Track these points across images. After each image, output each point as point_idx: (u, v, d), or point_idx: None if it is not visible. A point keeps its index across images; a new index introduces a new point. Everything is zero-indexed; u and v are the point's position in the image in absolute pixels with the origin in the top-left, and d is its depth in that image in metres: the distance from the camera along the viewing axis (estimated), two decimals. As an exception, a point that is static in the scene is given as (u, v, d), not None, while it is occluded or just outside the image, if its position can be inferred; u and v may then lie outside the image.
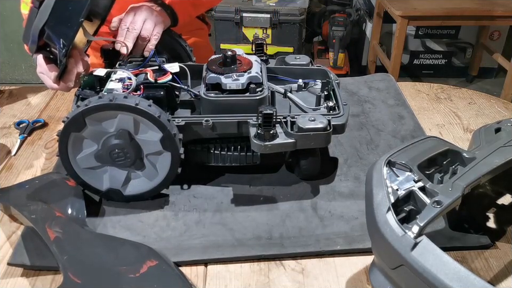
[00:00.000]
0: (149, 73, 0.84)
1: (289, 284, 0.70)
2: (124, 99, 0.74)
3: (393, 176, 0.63)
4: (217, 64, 0.87)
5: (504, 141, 0.70)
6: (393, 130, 1.04)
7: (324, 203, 0.83)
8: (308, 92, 0.94)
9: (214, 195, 0.85)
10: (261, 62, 0.91)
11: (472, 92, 1.23)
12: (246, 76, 0.84)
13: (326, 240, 0.76)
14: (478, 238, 0.76)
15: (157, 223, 0.79)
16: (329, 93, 0.90)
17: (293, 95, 0.91)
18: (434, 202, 0.59)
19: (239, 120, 0.80)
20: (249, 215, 0.81)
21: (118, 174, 0.81)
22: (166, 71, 0.86)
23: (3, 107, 1.15)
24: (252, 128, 0.79)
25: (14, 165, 0.95)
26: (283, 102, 0.90)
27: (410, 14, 2.37)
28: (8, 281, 0.70)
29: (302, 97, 0.91)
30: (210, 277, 0.71)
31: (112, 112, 0.75)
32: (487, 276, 0.70)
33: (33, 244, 0.74)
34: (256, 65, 0.87)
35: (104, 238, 0.75)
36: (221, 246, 0.75)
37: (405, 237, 0.55)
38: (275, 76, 0.95)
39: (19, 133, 1.04)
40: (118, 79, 0.84)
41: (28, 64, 2.77)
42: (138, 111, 0.74)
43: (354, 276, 0.71)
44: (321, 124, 0.77)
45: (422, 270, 0.53)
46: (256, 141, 0.77)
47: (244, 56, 0.90)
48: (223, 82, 0.83)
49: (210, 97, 0.82)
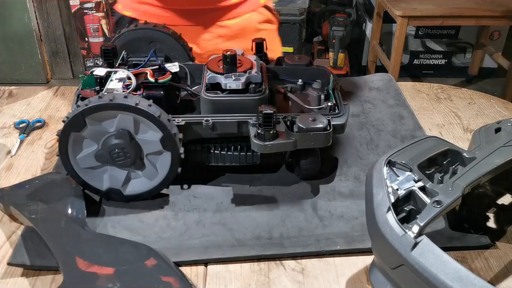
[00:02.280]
0: (149, 73, 0.85)
1: (289, 284, 0.70)
2: (124, 99, 0.74)
3: (393, 176, 0.63)
4: (217, 64, 0.87)
5: (504, 141, 0.70)
6: (393, 130, 1.04)
7: (324, 203, 0.83)
8: (307, 91, 0.94)
9: (214, 195, 0.85)
10: (261, 62, 0.91)
11: (472, 92, 1.23)
12: (246, 75, 0.84)
13: (326, 240, 0.76)
14: (478, 238, 0.76)
15: (157, 223, 0.79)
16: (329, 93, 0.90)
17: (293, 95, 0.91)
18: (435, 202, 0.59)
19: (239, 120, 0.80)
20: (249, 215, 0.81)
21: (118, 173, 0.81)
22: (166, 71, 0.86)
23: (3, 107, 1.15)
24: (252, 128, 0.79)
25: (14, 165, 0.95)
26: (283, 102, 0.90)
27: (410, 14, 2.38)
28: (8, 281, 0.70)
29: (302, 97, 0.91)
30: (210, 277, 0.71)
31: (112, 112, 0.75)
32: (487, 276, 0.70)
33: (33, 243, 0.74)
34: (256, 65, 0.87)
35: (104, 238, 0.75)
36: (221, 246, 0.75)
37: (405, 236, 0.55)
38: (275, 75, 0.95)
39: (19, 133, 1.04)
40: (118, 79, 0.84)
41: (28, 64, 2.77)
42: (139, 111, 0.74)
43: (354, 276, 0.71)
44: (321, 124, 0.77)
45: (422, 270, 0.53)
46: (256, 141, 0.77)
47: (244, 56, 0.90)
48: (223, 82, 0.83)
49: (210, 97, 0.82)
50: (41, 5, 2.66)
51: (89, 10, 2.64)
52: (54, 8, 2.68)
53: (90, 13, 2.64)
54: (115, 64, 0.91)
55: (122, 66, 0.90)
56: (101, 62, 0.91)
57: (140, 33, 0.97)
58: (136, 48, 0.97)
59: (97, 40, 2.71)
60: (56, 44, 2.78)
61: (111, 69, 0.87)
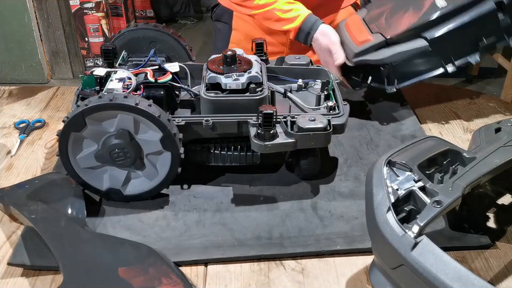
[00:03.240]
0: (149, 73, 0.85)
1: (289, 284, 0.70)
2: (124, 99, 0.74)
3: (393, 176, 0.63)
4: (217, 63, 0.87)
5: (504, 141, 0.70)
6: (393, 130, 1.04)
7: (324, 203, 0.83)
8: (307, 91, 0.94)
9: (214, 195, 0.85)
10: (261, 62, 0.91)
11: (472, 92, 1.23)
12: (246, 75, 0.84)
13: (326, 240, 0.76)
14: (478, 238, 0.76)
15: (157, 223, 0.79)
16: (329, 93, 0.90)
17: (292, 95, 0.91)
18: (435, 202, 0.59)
19: (239, 120, 0.80)
20: (249, 215, 0.81)
21: (118, 173, 0.81)
22: (166, 71, 0.86)
23: (3, 107, 1.15)
24: (252, 128, 0.79)
25: (14, 165, 0.95)
26: (283, 102, 0.90)
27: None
28: (8, 281, 0.70)
29: (302, 97, 0.91)
30: (210, 276, 0.71)
31: (112, 112, 0.75)
32: (487, 276, 0.70)
33: (33, 243, 0.74)
34: (256, 65, 0.87)
35: (104, 238, 0.75)
36: (221, 246, 0.75)
37: (405, 236, 0.55)
38: (275, 75, 0.95)
39: (19, 133, 1.04)
40: (118, 79, 0.84)
41: (28, 64, 2.77)
42: (138, 111, 0.74)
43: (354, 276, 0.71)
44: (321, 124, 0.77)
45: (422, 270, 0.53)
46: (256, 141, 0.77)
47: (243, 56, 0.90)
48: (223, 82, 0.83)
49: (210, 97, 0.82)
50: (41, 5, 2.65)
51: (89, 10, 2.64)
52: (54, 8, 2.68)
53: (90, 13, 2.64)
54: (115, 64, 0.91)
55: (122, 66, 0.90)
56: (101, 62, 0.91)
57: (140, 33, 0.97)
58: (136, 48, 0.97)
59: (97, 40, 2.70)
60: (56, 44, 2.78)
61: (111, 69, 0.87)
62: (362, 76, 1.02)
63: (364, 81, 1.02)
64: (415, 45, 0.95)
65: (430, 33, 0.94)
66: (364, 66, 1.00)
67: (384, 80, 0.99)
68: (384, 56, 0.96)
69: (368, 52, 0.98)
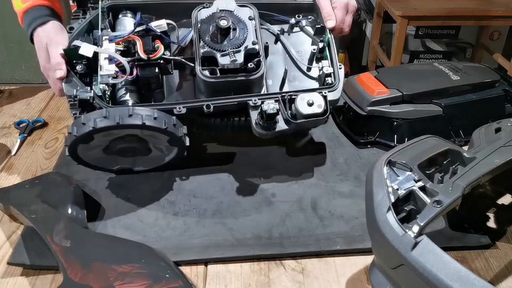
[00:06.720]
0: (138, 46, 0.80)
1: (289, 284, 0.70)
2: (130, 118, 0.73)
3: (393, 176, 0.63)
4: (210, 35, 0.81)
5: (504, 141, 0.70)
6: (393, 130, 1.04)
7: (324, 203, 0.83)
8: (301, 32, 0.92)
9: (214, 195, 0.85)
10: (252, 9, 0.85)
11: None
12: (242, 51, 0.80)
13: (326, 240, 0.76)
14: (478, 238, 0.76)
15: (157, 223, 0.79)
16: (324, 47, 0.88)
17: (285, 39, 0.90)
18: (435, 202, 0.59)
19: (239, 101, 0.80)
20: (249, 215, 0.81)
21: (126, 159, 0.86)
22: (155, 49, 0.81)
23: (3, 107, 1.15)
24: (253, 112, 0.79)
25: (14, 165, 0.95)
26: (276, 49, 0.90)
27: (410, 14, 2.37)
28: (8, 280, 0.70)
29: (295, 39, 0.91)
30: (210, 276, 0.71)
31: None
32: (487, 276, 0.70)
33: (33, 243, 0.74)
34: (250, 27, 0.82)
35: (104, 237, 0.75)
36: (221, 245, 0.75)
37: (405, 236, 0.55)
38: (266, 13, 0.90)
39: (19, 133, 1.04)
40: (108, 59, 0.79)
41: (28, 64, 2.77)
42: (145, 127, 0.75)
43: (354, 276, 0.71)
44: (319, 109, 0.78)
45: (422, 270, 0.53)
46: (258, 129, 0.78)
47: (236, 16, 0.83)
48: (220, 62, 0.79)
49: (208, 79, 0.79)
50: (41, 4, 2.66)
51: (89, 10, 2.64)
52: (54, 8, 2.68)
53: (90, 13, 2.64)
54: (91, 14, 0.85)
55: (106, 30, 0.84)
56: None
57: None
58: None
59: (97, 40, 2.71)
60: (56, 44, 2.78)
61: (96, 46, 0.80)
62: (367, 130, 1.00)
63: (370, 135, 0.99)
64: (430, 107, 0.96)
65: (444, 100, 0.97)
66: (372, 118, 0.98)
67: (393, 137, 0.97)
68: (401, 110, 0.96)
69: (384, 103, 0.96)
